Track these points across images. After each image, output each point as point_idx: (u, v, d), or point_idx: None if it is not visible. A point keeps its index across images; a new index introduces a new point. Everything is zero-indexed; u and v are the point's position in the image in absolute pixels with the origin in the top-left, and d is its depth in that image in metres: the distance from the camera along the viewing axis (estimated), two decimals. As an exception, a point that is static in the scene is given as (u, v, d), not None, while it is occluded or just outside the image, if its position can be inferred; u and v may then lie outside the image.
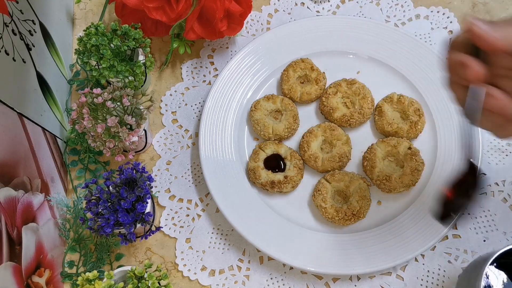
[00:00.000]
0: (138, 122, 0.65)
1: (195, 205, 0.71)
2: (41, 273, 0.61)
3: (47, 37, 0.71)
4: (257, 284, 0.66)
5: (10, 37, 0.58)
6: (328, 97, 0.71)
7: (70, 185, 0.72)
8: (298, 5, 0.81)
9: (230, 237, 0.69)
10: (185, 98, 0.76)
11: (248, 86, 0.74)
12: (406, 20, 0.80)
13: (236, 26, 0.73)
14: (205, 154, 0.69)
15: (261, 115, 0.71)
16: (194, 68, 0.78)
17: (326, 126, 0.70)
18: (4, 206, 0.53)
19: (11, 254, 0.54)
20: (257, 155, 0.69)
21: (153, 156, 0.74)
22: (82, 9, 0.83)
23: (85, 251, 0.68)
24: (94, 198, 0.61)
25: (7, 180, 0.55)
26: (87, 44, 0.65)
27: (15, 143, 0.57)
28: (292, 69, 0.73)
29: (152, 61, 0.69)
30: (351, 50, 0.76)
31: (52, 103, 0.69)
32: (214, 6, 0.67)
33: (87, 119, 0.62)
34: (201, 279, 0.67)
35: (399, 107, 0.70)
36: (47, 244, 0.63)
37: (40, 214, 0.62)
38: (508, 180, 0.69)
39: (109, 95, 0.63)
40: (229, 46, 0.79)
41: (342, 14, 0.80)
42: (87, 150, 0.72)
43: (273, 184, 0.67)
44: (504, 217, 0.67)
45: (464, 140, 0.44)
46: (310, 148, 0.69)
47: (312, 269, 0.63)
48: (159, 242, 0.69)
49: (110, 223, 0.59)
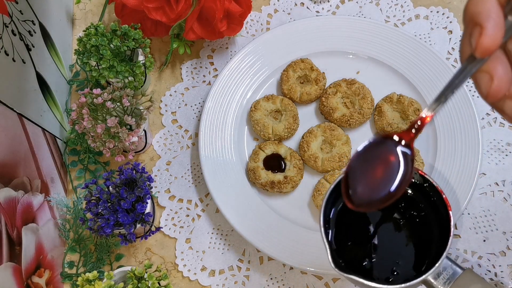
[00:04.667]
0: (138, 123, 0.65)
1: (195, 205, 0.71)
2: (41, 273, 0.61)
3: (47, 38, 0.71)
4: (257, 284, 0.66)
5: (9, 38, 0.58)
6: (328, 97, 0.71)
7: (70, 186, 0.72)
8: (297, 5, 0.81)
9: (230, 237, 0.69)
10: (185, 98, 0.77)
11: (248, 86, 0.74)
12: (405, 20, 0.80)
13: (236, 26, 0.73)
14: (205, 154, 0.69)
15: (261, 115, 0.71)
16: (194, 68, 0.78)
17: (326, 126, 0.70)
18: (4, 207, 0.53)
19: (11, 255, 0.54)
20: (257, 155, 0.69)
21: (153, 156, 0.74)
22: (82, 10, 0.83)
23: (85, 252, 0.68)
24: (94, 198, 0.61)
25: (7, 181, 0.55)
26: (87, 45, 0.65)
27: (15, 143, 0.57)
28: (292, 69, 0.73)
29: (152, 62, 0.69)
30: (351, 50, 0.76)
31: (52, 104, 0.69)
32: (214, 6, 0.67)
33: (87, 120, 0.62)
34: (201, 279, 0.67)
35: (399, 107, 0.71)
36: (47, 244, 0.63)
37: (40, 215, 0.62)
38: (508, 180, 0.69)
39: (109, 95, 0.63)
40: (228, 46, 0.79)
41: (341, 14, 0.80)
42: (87, 151, 0.72)
43: (273, 184, 0.67)
44: (504, 217, 0.67)
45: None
46: (310, 148, 0.69)
47: (312, 269, 0.63)
48: (159, 243, 0.69)
49: (110, 224, 0.59)
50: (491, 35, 0.29)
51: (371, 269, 0.46)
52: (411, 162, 0.35)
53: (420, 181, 0.48)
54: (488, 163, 0.70)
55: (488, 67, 0.30)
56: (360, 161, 0.36)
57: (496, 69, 0.30)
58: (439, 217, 0.46)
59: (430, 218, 0.47)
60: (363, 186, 0.36)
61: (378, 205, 0.35)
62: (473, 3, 0.30)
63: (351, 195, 0.36)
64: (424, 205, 0.48)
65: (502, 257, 0.66)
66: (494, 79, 0.30)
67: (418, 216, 0.48)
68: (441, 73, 0.72)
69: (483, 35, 0.29)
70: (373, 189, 0.35)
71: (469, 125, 0.69)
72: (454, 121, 0.70)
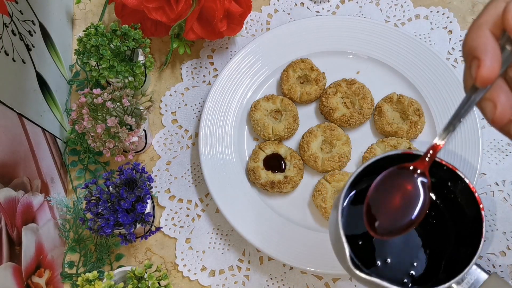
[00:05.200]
0: (138, 123, 0.65)
1: (195, 205, 0.71)
2: (41, 273, 0.61)
3: (47, 38, 0.71)
4: (257, 284, 0.66)
5: (9, 38, 0.58)
6: (328, 97, 0.71)
7: (70, 186, 0.72)
8: (297, 5, 0.81)
9: (230, 237, 0.69)
10: (185, 98, 0.77)
11: (248, 86, 0.74)
12: (405, 20, 0.80)
13: (236, 26, 0.73)
14: (205, 155, 0.69)
15: (261, 115, 0.71)
16: (194, 68, 0.78)
17: (326, 126, 0.70)
18: (4, 207, 0.53)
19: (11, 255, 0.54)
20: (257, 155, 0.69)
21: (153, 156, 0.74)
22: (82, 10, 0.83)
23: (85, 252, 0.68)
24: (94, 198, 0.61)
25: (7, 181, 0.55)
26: (87, 45, 0.65)
27: (15, 143, 0.57)
28: (292, 69, 0.73)
29: (151, 62, 0.69)
30: (351, 50, 0.76)
31: (52, 104, 0.69)
32: (214, 6, 0.67)
33: (87, 120, 0.62)
34: (201, 279, 0.67)
35: (399, 107, 0.70)
36: (47, 244, 0.63)
37: (40, 215, 0.62)
38: (508, 180, 0.69)
39: (109, 95, 0.63)
40: (229, 46, 0.79)
41: (341, 14, 0.80)
42: (87, 151, 0.72)
43: (273, 184, 0.67)
44: (504, 217, 0.67)
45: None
46: (310, 148, 0.69)
47: (312, 269, 0.63)
48: (159, 243, 0.69)
49: (110, 224, 0.59)
50: (489, 66, 0.31)
51: (385, 271, 0.44)
52: (428, 190, 0.37)
53: (442, 178, 0.45)
54: (488, 163, 0.70)
55: (491, 95, 0.33)
56: (379, 192, 0.38)
57: (498, 97, 0.33)
58: (457, 216, 0.44)
59: (446, 217, 0.45)
60: (385, 216, 0.38)
61: (400, 233, 0.38)
62: (470, 38, 0.33)
63: (376, 226, 0.38)
64: (441, 203, 0.46)
65: (502, 257, 0.66)
66: (497, 106, 0.32)
67: (432, 216, 0.46)
68: (441, 73, 0.72)
69: (481, 67, 0.31)
70: (395, 219, 0.38)
71: (469, 125, 0.69)
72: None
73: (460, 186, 0.43)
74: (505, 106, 0.33)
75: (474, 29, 0.33)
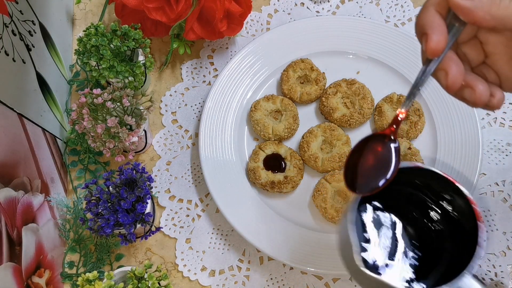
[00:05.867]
0: (138, 123, 0.65)
1: (195, 206, 0.71)
2: (41, 273, 0.61)
3: (47, 38, 0.71)
4: (257, 284, 0.66)
5: (10, 38, 0.58)
6: (328, 97, 0.71)
7: (70, 186, 0.72)
8: (298, 5, 0.81)
9: (230, 237, 0.69)
10: (185, 98, 0.77)
11: (248, 87, 0.74)
12: (406, 20, 0.80)
13: (236, 26, 0.73)
14: (205, 155, 0.69)
15: (261, 116, 0.71)
16: (194, 68, 0.78)
17: (326, 126, 0.70)
18: (4, 207, 0.53)
19: (11, 255, 0.54)
20: (257, 155, 0.69)
21: (153, 156, 0.74)
22: (82, 10, 0.83)
23: (85, 252, 0.68)
24: (94, 198, 0.61)
25: (7, 181, 0.55)
26: (87, 45, 0.65)
27: (15, 143, 0.57)
28: (292, 69, 0.73)
29: (152, 62, 0.69)
30: (351, 50, 0.76)
31: (52, 104, 0.69)
32: (214, 6, 0.67)
33: (87, 120, 0.62)
34: (201, 280, 0.67)
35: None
36: (47, 244, 0.63)
37: (40, 215, 0.62)
38: (508, 180, 0.69)
39: (109, 95, 0.63)
40: (229, 46, 0.79)
41: (341, 14, 0.80)
42: (87, 151, 0.72)
43: (273, 184, 0.67)
44: (504, 217, 0.67)
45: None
46: (310, 148, 0.69)
47: (312, 269, 0.63)
48: (159, 243, 0.69)
49: (110, 224, 0.59)
50: (435, 39, 0.36)
51: (387, 272, 0.44)
52: (397, 151, 0.42)
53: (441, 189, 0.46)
54: (488, 163, 0.70)
55: (443, 65, 0.37)
56: (355, 156, 0.42)
57: (450, 67, 0.37)
58: (456, 228, 0.44)
59: (446, 227, 0.46)
60: (362, 174, 0.42)
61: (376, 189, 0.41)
62: (420, 17, 0.38)
63: (356, 185, 0.42)
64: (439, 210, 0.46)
65: (502, 257, 0.66)
66: (449, 74, 0.37)
67: (433, 227, 0.46)
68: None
69: (429, 40, 0.36)
70: (371, 176, 0.42)
71: (469, 125, 0.69)
72: (454, 121, 0.70)
73: (459, 201, 0.45)
74: (456, 74, 0.37)
75: (423, 10, 0.38)
